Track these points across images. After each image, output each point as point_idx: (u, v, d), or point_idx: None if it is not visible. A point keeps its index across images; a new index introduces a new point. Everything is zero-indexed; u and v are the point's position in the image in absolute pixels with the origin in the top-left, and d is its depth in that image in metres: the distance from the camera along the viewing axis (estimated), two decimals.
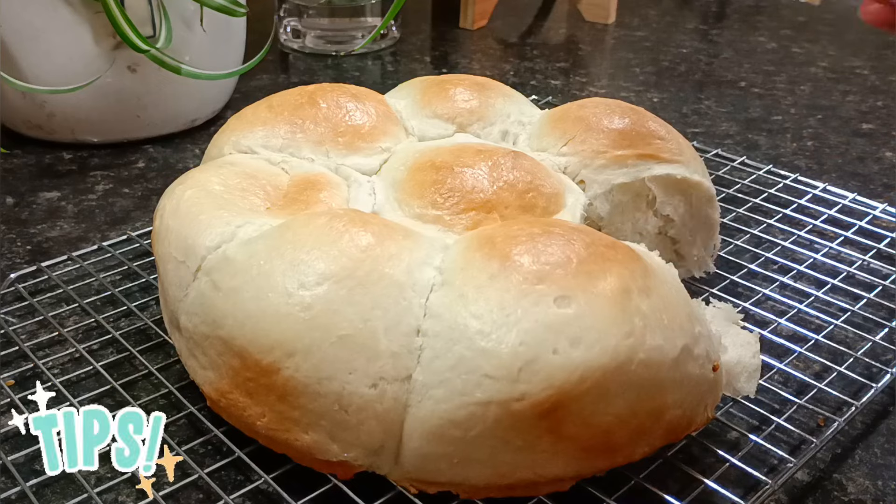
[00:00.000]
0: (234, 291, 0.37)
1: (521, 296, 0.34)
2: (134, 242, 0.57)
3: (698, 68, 0.99)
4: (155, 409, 0.41)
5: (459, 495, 0.36)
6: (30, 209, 0.63)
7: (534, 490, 0.36)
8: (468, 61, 1.01)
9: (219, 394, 0.38)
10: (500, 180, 0.43)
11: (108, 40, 0.68)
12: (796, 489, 0.40)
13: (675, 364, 0.34)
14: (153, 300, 0.51)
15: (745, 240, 0.59)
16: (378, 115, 0.50)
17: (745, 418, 0.43)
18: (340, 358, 0.34)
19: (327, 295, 0.35)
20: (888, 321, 0.50)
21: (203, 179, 0.44)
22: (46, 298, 0.52)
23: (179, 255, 0.40)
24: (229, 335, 0.36)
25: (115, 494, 0.38)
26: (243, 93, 0.85)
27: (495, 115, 0.53)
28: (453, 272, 0.36)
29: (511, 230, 0.37)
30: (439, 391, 0.33)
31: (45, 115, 0.71)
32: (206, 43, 0.73)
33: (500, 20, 1.15)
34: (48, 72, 0.67)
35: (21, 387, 0.44)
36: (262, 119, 0.49)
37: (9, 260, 0.56)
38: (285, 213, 0.41)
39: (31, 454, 0.39)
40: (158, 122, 0.74)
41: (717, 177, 0.68)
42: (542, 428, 0.33)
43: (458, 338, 0.34)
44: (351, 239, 0.36)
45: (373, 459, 0.36)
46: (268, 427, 0.36)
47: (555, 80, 0.95)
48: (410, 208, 0.43)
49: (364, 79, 0.94)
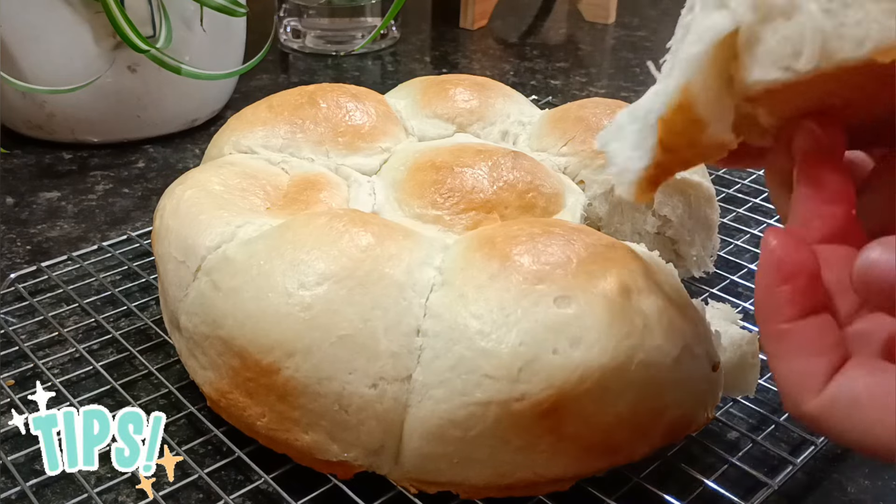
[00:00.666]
0: (234, 291, 0.37)
1: (521, 296, 0.34)
2: (134, 242, 0.57)
3: None
4: (155, 409, 0.41)
5: (459, 495, 0.36)
6: (30, 209, 0.63)
7: (534, 490, 0.36)
8: (468, 61, 1.01)
9: (219, 394, 0.38)
10: (500, 180, 0.43)
11: (108, 40, 0.68)
12: (796, 489, 0.40)
13: (676, 364, 0.34)
14: (153, 300, 0.51)
15: (745, 240, 0.59)
16: (378, 115, 0.50)
17: (745, 418, 0.43)
18: (340, 358, 0.34)
19: (327, 295, 0.35)
20: None
21: (203, 179, 0.44)
22: (46, 298, 0.52)
23: (179, 255, 0.40)
24: (229, 335, 0.36)
25: (115, 494, 0.38)
26: (243, 93, 0.85)
27: (495, 115, 0.53)
28: (453, 272, 0.36)
29: (511, 230, 0.37)
30: (439, 391, 0.33)
31: (45, 115, 0.71)
32: (206, 43, 0.73)
33: (500, 20, 1.15)
34: (48, 72, 0.67)
35: (21, 387, 0.44)
36: (262, 119, 0.49)
37: (9, 260, 0.56)
38: (285, 213, 0.41)
39: (31, 454, 0.39)
40: (158, 122, 0.74)
41: (717, 177, 0.68)
42: (542, 428, 0.33)
43: (458, 338, 0.34)
44: (351, 239, 0.36)
45: (373, 459, 0.36)
46: (268, 427, 0.36)
47: (555, 80, 0.95)
48: (410, 208, 0.43)
49: (364, 79, 0.94)
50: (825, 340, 0.26)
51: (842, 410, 0.26)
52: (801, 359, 0.26)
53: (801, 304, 0.27)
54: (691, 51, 0.26)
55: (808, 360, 0.26)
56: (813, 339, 0.26)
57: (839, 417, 0.26)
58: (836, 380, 0.26)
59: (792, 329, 0.27)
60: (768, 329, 0.27)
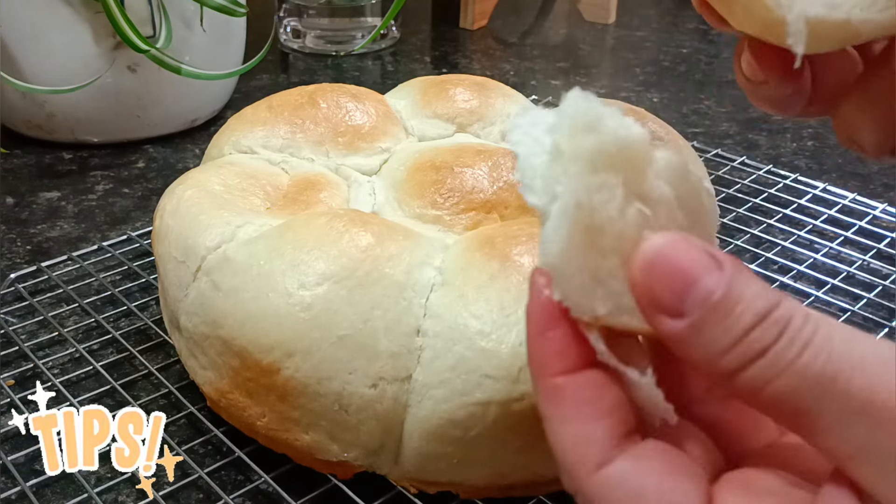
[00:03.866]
0: (234, 291, 0.37)
1: (521, 296, 0.34)
2: (134, 242, 0.57)
3: (698, 68, 0.99)
4: (155, 409, 0.41)
5: (459, 495, 0.36)
6: (30, 209, 0.63)
7: (534, 490, 0.36)
8: (468, 61, 1.01)
9: (219, 394, 0.38)
10: (500, 180, 0.43)
11: (108, 40, 0.68)
12: None
13: None
14: (153, 300, 0.51)
15: (745, 240, 0.59)
16: (378, 115, 0.50)
17: None
18: (340, 358, 0.34)
19: (327, 295, 0.35)
20: (888, 321, 0.50)
21: (203, 179, 0.44)
22: (46, 298, 0.52)
23: (179, 255, 0.40)
24: (229, 335, 0.36)
25: (115, 494, 0.38)
26: (243, 93, 0.85)
27: (495, 115, 0.53)
28: (453, 272, 0.36)
29: (511, 230, 0.37)
30: (439, 391, 0.34)
31: (45, 115, 0.71)
32: (206, 43, 0.73)
33: (500, 20, 1.15)
34: (48, 72, 0.67)
35: (21, 387, 0.44)
36: (262, 119, 0.49)
37: (9, 260, 0.56)
38: (285, 214, 0.41)
39: (31, 454, 0.39)
40: (158, 122, 0.74)
41: (717, 177, 0.68)
42: (542, 428, 0.33)
43: (458, 338, 0.34)
44: (351, 239, 0.36)
45: (373, 459, 0.36)
46: (268, 427, 0.36)
47: (555, 80, 0.95)
48: (410, 208, 0.43)
49: (364, 79, 0.94)
50: (605, 400, 0.22)
51: (622, 500, 0.22)
52: (577, 422, 0.22)
53: (576, 352, 0.23)
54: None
55: (585, 424, 0.22)
56: (591, 398, 0.22)
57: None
58: (621, 460, 0.22)
59: (566, 384, 0.23)
60: (540, 385, 0.23)
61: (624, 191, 0.22)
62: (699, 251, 0.21)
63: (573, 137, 0.22)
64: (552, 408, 0.23)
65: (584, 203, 0.22)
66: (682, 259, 0.21)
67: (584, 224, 0.22)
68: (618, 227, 0.22)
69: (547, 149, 0.23)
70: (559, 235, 0.22)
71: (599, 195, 0.22)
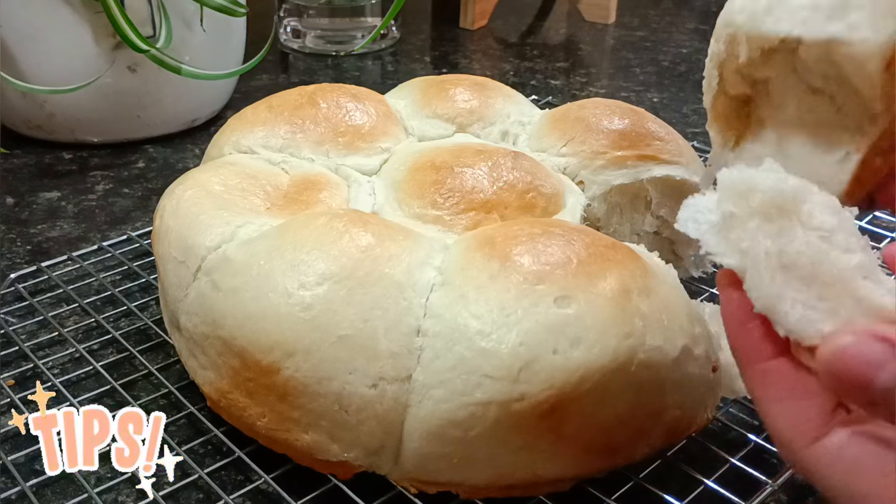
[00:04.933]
0: (234, 291, 0.37)
1: (521, 296, 0.34)
2: (134, 242, 0.57)
3: (698, 68, 0.99)
4: (155, 409, 0.41)
5: (459, 495, 0.36)
6: (30, 209, 0.63)
7: (534, 490, 0.36)
8: (468, 61, 1.01)
9: (219, 394, 0.38)
10: (500, 180, 0.43)
11: (108, 40, 0.68)
12: (796, 489, 0.40)
13: (676, 365, 0.34)
14: (153, 300, 0.51)
15: None
16: (378, 115, 0.50)
17: (745, 418, 0.43)
18: (340, 358, 0.34)
19: (327, 295, 0.35)
20: None
21: (203, 179, 0.44)
22: (46, 298, 0.52)
23: (179, 255, 0.40)
24: (229, 335, 0.36)
25: (115, 494, 0.38)
26: (243, 93, 0.85)
27: (495, 115, 0.53)
28: (453, 272, 0.36)
29: (511, 230, 0.37)
30: (439, 391, 0.33)
31: (45, 115, 0.71)
32: (206, 43, 0.73)
33: (500, 20, 1.15)
34: (48, 72, 0.67)
35: (21, 387, 0.44)
36: (262, 119, 0.49)
37: (9, 260, 0.56)
38: (285, 214, 0.41)
39: (31, 454, 0.39)
40: (158, 122, 0.74)
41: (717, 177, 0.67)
42: (542, 428, 0.33)
43: (459, 338, 0.34)
44: (351, 239, 0.36)
45: (373, 459, 0.36)
46: (268, 427, 0.36)
47: (555, 80, 0.95)
48: (410, 208, 0.43)
49: (364, 79, 0.94)
50: (812, 380, 0.25)
51: (839, 471, 0.24)
52: (790, 401, 0.25)
53: (773, 340, 0.25)
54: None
55: (798, 402, 0.25)
56: (799, 378, 0.25)
57: (836, 477, 0.24)
58: (836, 433, 0.24)
59: (776, 368, 0.25)
60: (750, 372, 0.26)
61: (801, 228, 0.26)
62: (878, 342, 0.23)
63: (740, 202, 0.27)
64: (764, 389, 0.26)
65: (771, 250, 0.26)
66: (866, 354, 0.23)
67: (779, 265, 0.26)
68: (807, 258, 0.26)
69: (717, 222, 0.28)
70: (763, 282, 0.26)
71: (781, 239, 0.26)
